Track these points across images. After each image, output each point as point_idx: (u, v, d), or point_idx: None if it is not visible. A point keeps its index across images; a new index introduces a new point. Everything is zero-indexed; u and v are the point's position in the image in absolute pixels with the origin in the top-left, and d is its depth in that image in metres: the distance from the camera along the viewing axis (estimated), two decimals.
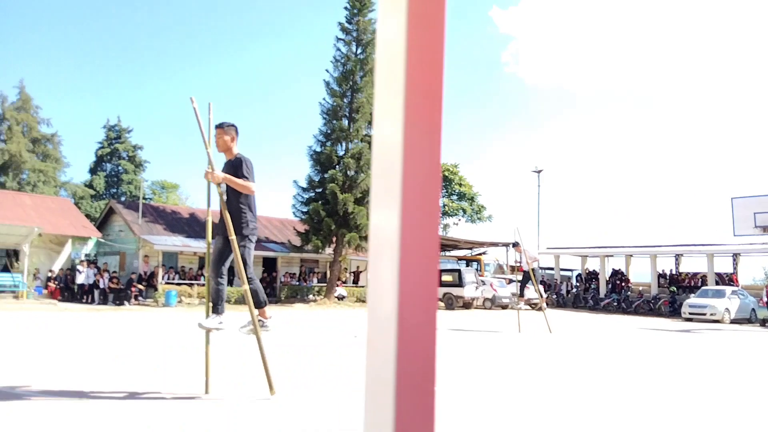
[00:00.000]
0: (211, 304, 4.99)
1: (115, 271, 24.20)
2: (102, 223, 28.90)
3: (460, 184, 48.40)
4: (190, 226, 28.73)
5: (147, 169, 48.62)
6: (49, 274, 23.49)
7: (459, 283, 25.97)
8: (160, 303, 21.95)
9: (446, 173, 47.93)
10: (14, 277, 21.86)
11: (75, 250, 25.76)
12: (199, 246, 26.14)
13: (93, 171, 47.30)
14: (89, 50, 71.50)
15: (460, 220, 49.12)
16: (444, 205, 48.25)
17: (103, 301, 21.77)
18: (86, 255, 25.85)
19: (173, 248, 25.26)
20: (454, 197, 48.71)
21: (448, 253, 40.80)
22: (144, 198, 32.81)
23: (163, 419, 3.73)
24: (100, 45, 72.47)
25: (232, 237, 4.72)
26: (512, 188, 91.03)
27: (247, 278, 4.83)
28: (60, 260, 24.86)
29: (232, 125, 4.98)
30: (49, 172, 41.29)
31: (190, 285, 24.25)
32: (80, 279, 22.36)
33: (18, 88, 42.48)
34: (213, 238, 5.06)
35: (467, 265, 36.15)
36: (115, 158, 47.42)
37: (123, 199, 42.34)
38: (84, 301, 21.78)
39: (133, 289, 22.27)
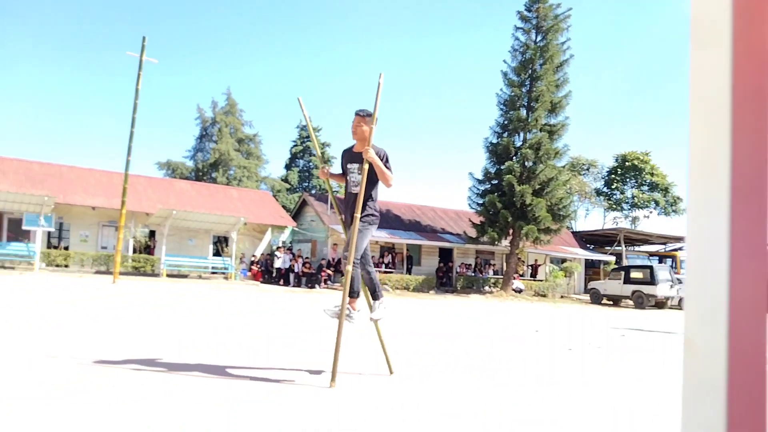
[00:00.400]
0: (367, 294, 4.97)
1: (307, 257, 26.37)
2: (296, 213, 31.67)
3: (652, 174, 44.55)
4: None
5: (333, 164, 52.09)
6: (252, 259, 26.34)
7: (651, 280, 24.02)
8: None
9: (635, 162, 44.46)
10: (224, 260, 24.90)
11: (274, 237, 28.56)
12: (381, 236, 27.39)
13: (288, 167, 51.92)
14: (283, 56, 78.36)
15: (651, 212, 45.29)
16: (633, 197, 44.84)
17: (298, 283, 23.84)
18: (283, 242, 28.50)
19: None
20: (645, 188, 44.98)
21: (638, 249, 37.89)
22: (332, 191, 35.15)
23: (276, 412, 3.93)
24: (292, 51, 78.99)
25: (357, 214, 4.62)
26: None
27: (354, 262, 4.66)
28: (261, 246, 27.73)
29: (371, 114, 4.86)
30: (252, 168, 46.21)
31: None
32: (278, 263, 24.73)
33: (226, 95, 48.21)
34: (348, 227, 4.88)
35: (660, 262, 33.27)
36: (306, 155, 51.54)
37: (314, 192, 45.86)
38: (281, 283, 24.05)
39: (323, 273, 24.08)
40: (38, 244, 20.49)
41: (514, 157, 26.14)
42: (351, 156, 4.92)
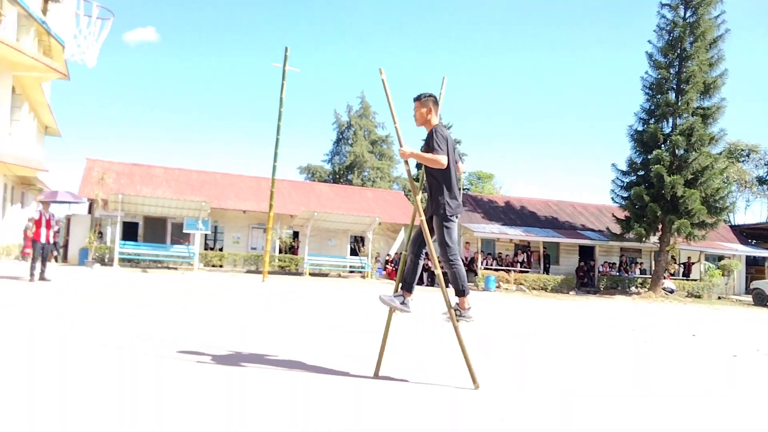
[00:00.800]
0: (402, 281, 4.62)
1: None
2: None
3: None
4: (505, 214, 29.55)
5: (465, 161, 51.72)
6: (387, 258, 26.91)
7: None
8: (480, 287, 23.12)
9: None
10: (361, 260, 25.69)
11: (407, 236, 28.96)
12: (515, 233, 26.73)
13: (419, 166, 52.34)
14: (417, 56, 79.31)
15: None
16: None
17: (431, 282, 23.95)
18: None
19: (491, 235, 26.35)
20: None
21: None
22: (463, 188, 34.97)
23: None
24: (426, 51, 79.62)
25: (422, 217, 4.40)
26: None
27: (449, 260, 4.38)
28: (395, 246, 28.22)
29: (431, 96, 4.56)
30: (384, 169, 47.30)
31: (507, 271, 24.96)
32: None
33: (360, 98, 49.74)
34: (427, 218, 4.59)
35: None
36: None
37: None
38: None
39: None
40: (197, 246, 22.55)
41: (663, 145, 24.18)
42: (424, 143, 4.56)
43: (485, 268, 24.81)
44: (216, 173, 28.98)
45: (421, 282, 24.14)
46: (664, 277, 24.80)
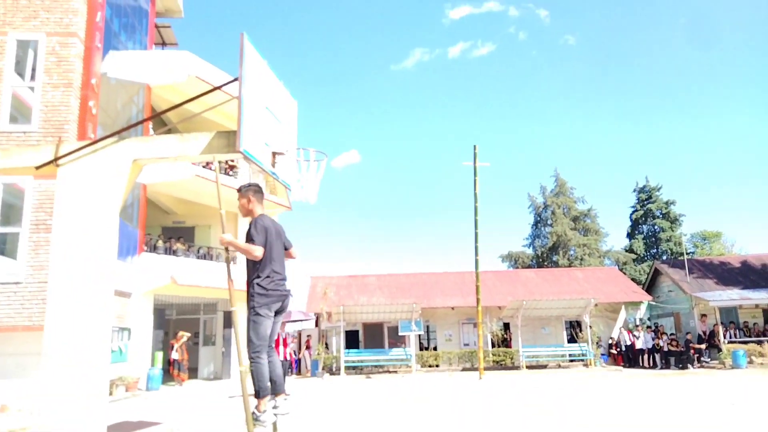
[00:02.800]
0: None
1: (672, 333, 23.72)
2: (650, 285, 29.13)
3: None
4: (744, 275, 25.85)
5: (683, 223, 47.02)
6: (610, 341, 24.87)
7: None
8: (728, 365, 20.09)
9: None
10: (581, 346, 24.09)
11: (629, 315, 26.64)
12: (760, 297, 23.15)
13: (630, 235, 48.78)
14: (609, 123, 76.37)
15: None
16: None
17: (666, 365, 21.47)
18: (640, 319, 26.33)
19: (730, 303, 23.09)
20: None
21: None
22: (687, 253, 31.59)
23: None
24: (606, 111, 76.47)
25: (233, 308, 4.37)
26: None
27: (249, 357, 4.19)
28: (616, 327, 26.10)
29: (250, 187, 4.55)
30: (592, 245, 44.81)
31: (758, 342, 21.40)
32: (639, 344, 22.82)
33: (554, 177, 48.82)
34: None
35: None
36: (649, 218, 47.79)
37: (665, 258, 41.85)
38: (646, 366, 22.00)
39: (692, 350, 21.25)
40: (413, 348, 23.27)
41: None
42: None
43: (730, 342, 21.60)
44: (422, 274, 30.15)
45: (654, 365, 21.80)
46: None
